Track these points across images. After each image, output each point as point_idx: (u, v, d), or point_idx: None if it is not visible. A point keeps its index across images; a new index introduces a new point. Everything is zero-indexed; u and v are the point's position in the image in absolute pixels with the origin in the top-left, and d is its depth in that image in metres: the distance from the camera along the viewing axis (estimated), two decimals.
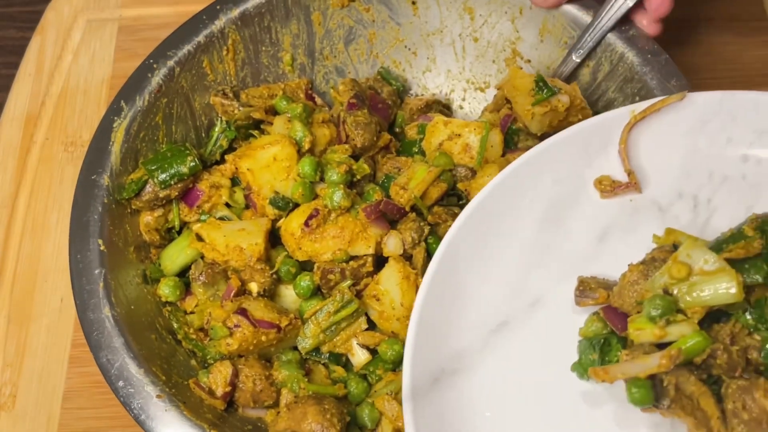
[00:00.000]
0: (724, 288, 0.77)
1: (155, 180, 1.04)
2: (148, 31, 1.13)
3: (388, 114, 1.18)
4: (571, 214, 0.93)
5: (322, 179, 1.06)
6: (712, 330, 0.79)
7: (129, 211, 1.06)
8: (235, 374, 0.96)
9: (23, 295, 1.18)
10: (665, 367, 0.76)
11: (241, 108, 1.14)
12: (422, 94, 1.25)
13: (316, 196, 1.04)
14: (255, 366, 0.97)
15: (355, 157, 1.10)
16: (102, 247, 1.00)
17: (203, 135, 1.16)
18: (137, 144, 1.08)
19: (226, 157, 1.10)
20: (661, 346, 0.78)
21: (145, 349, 0.96)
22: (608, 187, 0.92)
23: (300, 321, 0.99)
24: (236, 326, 0.95)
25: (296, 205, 1.06)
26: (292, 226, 1.03)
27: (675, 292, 0.79)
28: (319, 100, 1.21)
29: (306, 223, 1.01)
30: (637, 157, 0.93)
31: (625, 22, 1.08)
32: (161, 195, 1.05)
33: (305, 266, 1.04)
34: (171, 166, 1.05)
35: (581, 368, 0.84)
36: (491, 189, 0.92)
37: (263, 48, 1.18)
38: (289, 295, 1.04)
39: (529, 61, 1.18)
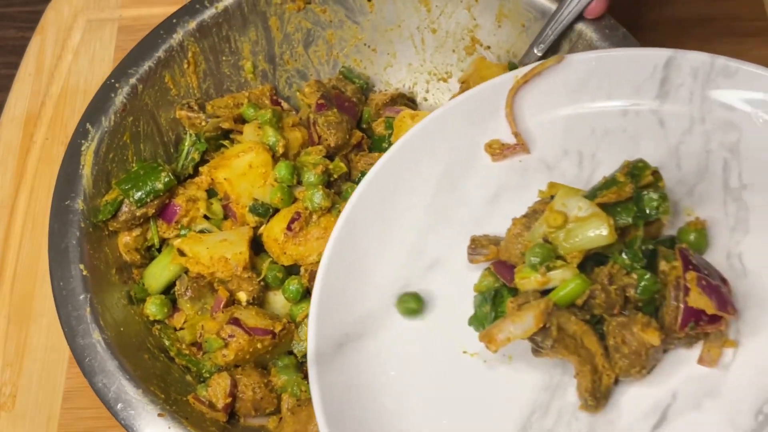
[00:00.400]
0: (597, 231, 0.81)
1: (131, 199, 1.03)
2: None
3: (355, 111, 1.18)
4: (466, 179, 0.96)
5: (299, 182, 1.06)
6: (593, 273, 0.83)
7: (107, 233, 1.05)
8: (234, 385, 0.96)
9: (23, 295, 1.17)
10: (540, 323, 0.79)
11: (208, 120, 1.13)
12: (386, 90, 1.25)
13: (295, 200, 1.04)
14: (252, 374, 0.97)
15: (329, 157, 1.10)
16: (84, 272, 0.98)
17: (172, 150, 1.15)
18: (107, 165, 1.06)
19: (200, 169, 1.09)
20: (546, 291, 0.82)
21: (140, 369, 0.95)
22: (498, 150, 0.96)
23: (293, 325, 0.99)
24: (231, 336, 0.95)
25: (276, 211, 1.05)
26: (274, 231, 1.03)
27: (554, 239, 0.83)
28: (285, 105, 1.21)
29: (289, 227, 1.01)
30: (524, 120, 0.97)
31: None
32: (138, 214, 1.04)
33: (291, 270, 1.04)
34: (145, 184, 1.04)
35: (476, 321, 0.87)
36: (389, 157, 0.95)
37: (223, 58, 1.18)
38: (278, 300, 1.03)
39: (488, 47, 1.19)
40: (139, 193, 1.03)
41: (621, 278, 0.82)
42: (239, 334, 0.95)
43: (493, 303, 0.86)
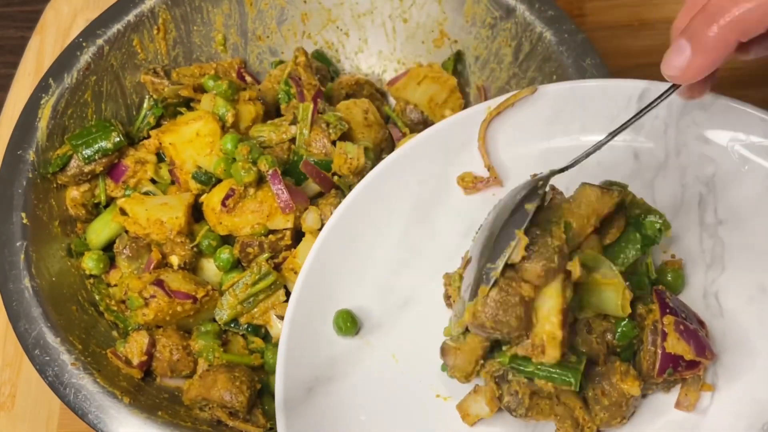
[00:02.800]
0: (613, 302, 0.79)
1: (80, 155, 1.06)
2: None
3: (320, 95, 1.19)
4: (437, 213, 0.94)
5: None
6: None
7: (55, 186, 1.08)
8: (152, 344, 0.98)
9: None
10: (494, 409, 0.80)
11: (170, 86, 1.16)
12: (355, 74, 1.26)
13: None
14: (173, 336, 0.99)
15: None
16: (25, 221, 1.02)
17: (134, 113, 1.18)
18: (65, 121, 1.10)
19: (150, 132, 1.12)
20: None
21: (64, 319, 0.98)
22: (470, 183, 0.94)
23: (218, 293, 1.01)
24: (152, 297, 0.97)
25: (219, 181, 1.07)
26: (213, 201, 1.05)
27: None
28: (249, 79, 1.23)
29: (223, 203, 1.02)
30: (497, 152, 0.95)
31: (543, 2, 1.10)
32: (86, 170, 1.07)
33: (228, 241, 1.06)
34: (96, 142, 1.07)
35: (446, 369, 0.85)
36: (357, 193, 0.93)
37: (195, 27, 1.20)
38: (210, 268, 1.06)
39: (456, 41, 1.20)
40: (88, 150, 1.06)
41: (599, 324, 0.81)
42: (160, 295, 0.97)
43: None
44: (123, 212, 1.05)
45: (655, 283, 0.86)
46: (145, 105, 1.16)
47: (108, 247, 1.08)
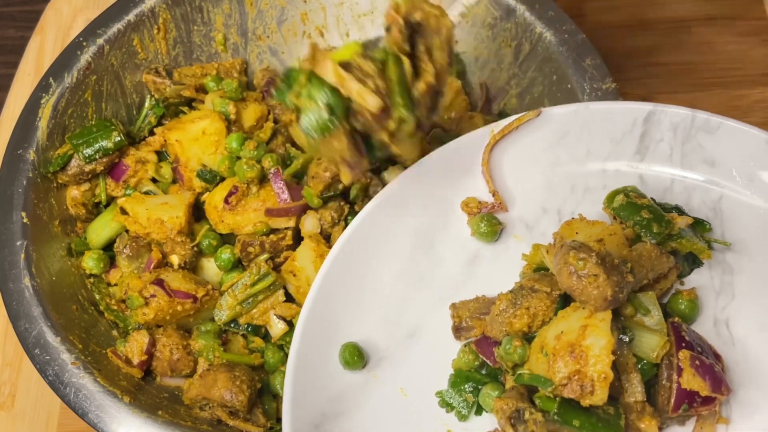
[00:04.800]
0: (652, 349, 0.79)
1: (80, 154, 1.06)
2: None
3: None
4: (441, 240, 0.92)
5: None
6: None
7: (55, 185, 1.08)
8: (152, 343, 0.98)
9: None
10: None
11: (172, 86, 1.16)
12: None
13: None
14: (173, 335, 0.99)
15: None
16: (25, 220, 1.02)
17: (134, 112, 1.18)
18: (65, 120, 1.10)
19: (155, 129, 1.12)
20: None
21: (64, 318, 0.98)
22: (475, 209, 0.92)
23: (218, 292, 1.01)
24: (152, 296, 0.97)
25: (222, 179, 1.08)
26: (215, 199, 1.05)
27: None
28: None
29: (226, 200, 1.03)
30: (502, 176, 0.93)
31: (543, 3, 1.11)
32: (86, 169, 1.07)
33: (228, 240, 1.06)
34: (96, 141, 1.07)
35: (446, 405, 0.85)
36: (360, 222, 0.90)
37: (195, 27, 1.20)
38: (211, 267, 1.06)
39: (456, 42, 1.20)
40: (89, 150, 1.06)
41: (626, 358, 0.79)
42: (160, 294, 0.97)
43: (474, 390, 0.84)
44: (123, 211, 1.05)
45: (670, 313, 0.85)
46: (147, 104, 1.16)
47: (108, 247, 1.08)
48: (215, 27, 1.21)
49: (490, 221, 0.90)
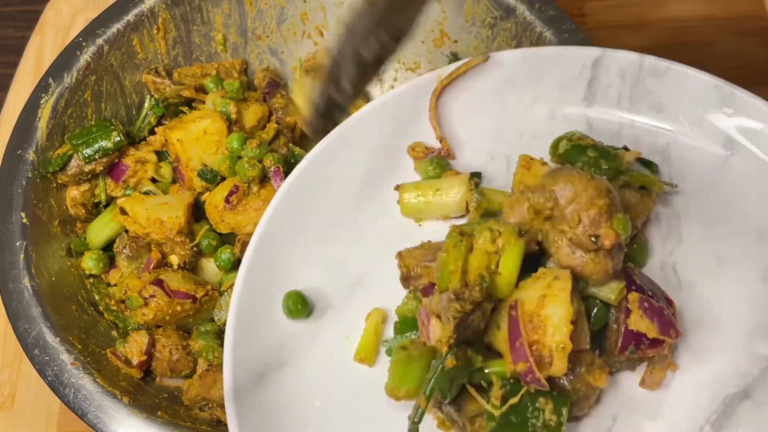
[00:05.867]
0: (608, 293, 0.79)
1: (80, 154, 1.06)
2: None
3: None
4: (388, 186, 0.90)
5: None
6: None
7: (55, 185, 1.08)
8: (152, 344, 0.98)
9: None
10: None
11: (172, 86, 1.16)
12: None
13: None
14: (172, 336, 0.99)
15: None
16: (24, 220, 1.02)
17: (134, 113, 1.18)
18: (65, 120, 1.10)
19: (156, 129, 1.12)
20: None
21: (64, 319, 0.98)
22: (422, 154, 0.91)
23: (218, 293, 1.01)
24: (151, 296, 0.97)
25: (223, 179, 1.08)
26: (216, 198, 1.05)
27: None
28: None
29: (227, 200, 1.03)
30: (449, 123, 0.92)
31: (543, 2, 1.10)
32: (86, 169, 1.07)
33: (227, 240, 1.06)
34: (96, 141, 1.07)
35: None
36: (303, 168, 0.89)
37: (194, 27, 1.20)
38: (211, 268, 1.06)
39: (456, 41, 1.20)
40: (89, 150, 1.06)
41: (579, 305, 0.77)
42: (160, 295, 0.97)
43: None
44: (123, 212, 1.05)
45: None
46: (147, 104, 1.16)
47: (108, 247, 1.08)
48: (215, 27, 1.21)
49: (439, 164, 0.90)
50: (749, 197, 0.86)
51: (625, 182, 0.83)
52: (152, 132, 1.13)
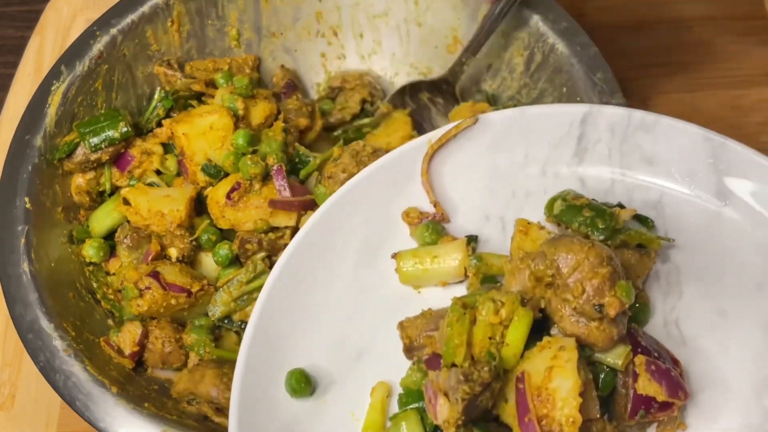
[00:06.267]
0: (614, 359, 0.79)
1: (86, 143, 1.07)
2: None
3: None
4: (384, 254, 0.90)
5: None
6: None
7: (61, 172, 1.09)
8: (145, 335, 0.99)
9: None
10: None
11: (183, 79, 1.16)
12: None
13: None
14: (166, 328, 1.00)
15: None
16: (28, 205, 1.03)
17: (144, 104, 1.18)
18: (74, 108, 1.10)
19: (163, 122, 1.12)
20: None
21: (60, 305, 0.99)
22: (416, 220, 0.90)
23: (213, 288, 1.02)
24: (147, 288, 0.98)
25: (227, 175, 1.08)
26: (218, 194, 1.05)
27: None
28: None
29: (228, 196, 1.03)
30: (442, 186, 0.92)
31: (557, 14, 1.10)
32: (92, 158, 1.08)
33: (228, 236, 1.07)
34: (103, 130, 1.07)
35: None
36: (299, 241, 0.88)
37: (209, 21, 1.20)
38: (209, 262, 1.06)
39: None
40: (95, 139, 1.07)
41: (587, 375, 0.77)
42: (155, 287, 0.97)
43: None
44: (126, 202, 1.06)
45: None
46: (156, 96, 1.16)
47: (110, 236, 1.09)
48: (229, 22, 1.21)
49: (434, 229, 0.89)
50: (746, 249, 0.85)
51: (623, 241, 0.83)
52: (160, 124, 1.14)
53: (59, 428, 1.05)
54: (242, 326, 1.02)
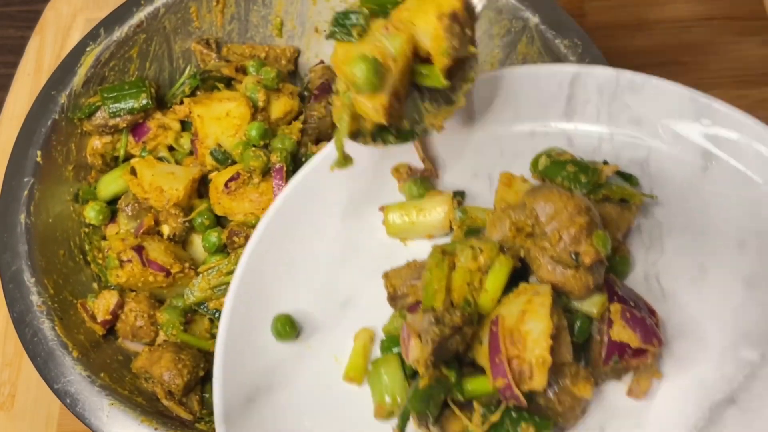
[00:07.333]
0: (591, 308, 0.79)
1: (107, 107, 1.09)
2: None
3: None
4: (373, 208, 0.91)
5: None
6: None
7: (79, 131, 1.11)
8: (120, 305, 1.00)
9: None
10: None
11: (217, 60, 1.17)
12: None
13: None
14: (142, 303, 1.01)
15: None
16: (38, 159, 1.05)
17: (177, 78, 1.20)
18: (105, 71, 1.13)
19: (184, 99, 1.13)
20: None
21: (46, 261, 1.01)
22: (405, 175, 0.91)
23: (195, 272, 1.02)
24: (128, 261, 0.99)
25: (234, 163, 1.08)
26: (219, 180, 1.06)
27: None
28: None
29: (226, 185, 1.03)
30: (432, 144, 0.92)
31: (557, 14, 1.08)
32: (110, 123, 1.10)
33: (222, 223, 1.07)
34: (124, 99, 1.09)
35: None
36: (288, 192, 0.90)
37: (254, 7, 1.21)
38: (200, 245, 1.07)
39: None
40: (115, 105, 1.09)
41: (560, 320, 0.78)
42: (136, 261, 0.99)
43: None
44: (133, 171, 1.07)
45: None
46: (186, 73, 1.17)
47: (114, 202, 1.11)
48: (275, 11, 1.21)
49: (422, 184, 0.90)
50: (728, 206, 0.86)
51: (605, 196, 0.83)
52: (182, 102, 1.15)
53: (59, 428, 1.06)
54: (216, 314, 1.02)
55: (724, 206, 0.86)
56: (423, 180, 0.91)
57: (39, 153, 1.06)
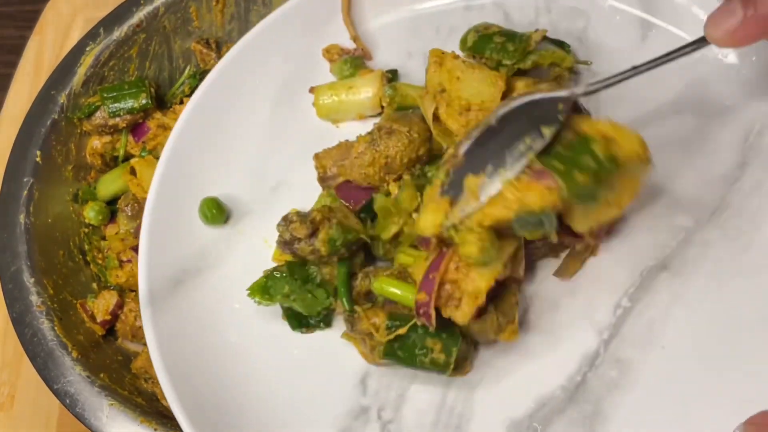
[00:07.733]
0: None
1: (106, 107, 1.09)
2: None
3: None
4: (304, 91, 0.90)
5: None
6: None
7: (79, 131, 1.11)
8: (119, 306, 1.00)
9: None
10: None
11: (216, 60, 1.17)
12: None
13: None
14: None
15: None
16: (38, 159, 1.05)
17: (177, 77, 1.20)
18: (105, 71, 1.13)
19: (183, 99, 1.13)
20: None
21: (46, 261, 1.01)
22: (337, 56, 0.91)
23: None
24: (128, 261, 0.99)
25: None
26: None
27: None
28: None
29: None
30: (365, 22, 0.91)
31: None
32: (110, 123, 1.10)
33: None
34: (124, 99, 1.09)
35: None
36: (215, 76, 0.89)
37: (254, 7, 1.20)
38: None
39: None
40: (115, 105, 1.09)
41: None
42: (136, 261, 0.99)
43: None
44: (132, 171, 1.07)
45: None
46: (185, 73, 1.17)
47: (114, 202, 1.11)
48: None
49: (353, 63, 0.89)
50: (667, 73, 0.83)
51: (535, 62, 0.83)
52: (182, 101, 1.15)
53: (58, 428, 1.05)
54: None
55: (662, 73, 0.83)
56: (354, 59, 0.90)
57: (38, 153, 1.06)
